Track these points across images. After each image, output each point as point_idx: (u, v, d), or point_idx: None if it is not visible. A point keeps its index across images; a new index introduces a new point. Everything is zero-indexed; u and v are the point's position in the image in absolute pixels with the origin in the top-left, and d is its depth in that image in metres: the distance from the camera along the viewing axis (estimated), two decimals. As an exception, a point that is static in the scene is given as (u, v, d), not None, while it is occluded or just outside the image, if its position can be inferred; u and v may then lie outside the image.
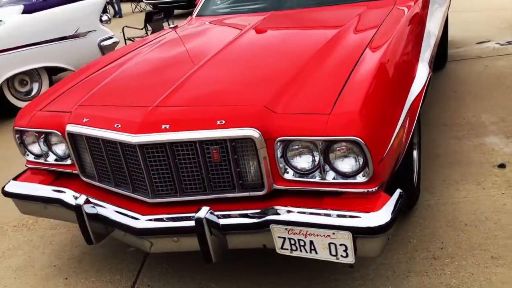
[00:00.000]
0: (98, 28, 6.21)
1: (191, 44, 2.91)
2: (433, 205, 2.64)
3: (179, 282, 2.32)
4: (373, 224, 1.72)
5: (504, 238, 2.30)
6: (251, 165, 1.90)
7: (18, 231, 3.02)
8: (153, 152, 1.93)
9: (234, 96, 2.02)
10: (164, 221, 1.95)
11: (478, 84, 4.39)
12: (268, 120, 1.84)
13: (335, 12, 3.01)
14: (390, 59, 2.21)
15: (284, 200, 1.91)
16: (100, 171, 2.18)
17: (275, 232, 1.83)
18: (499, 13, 7.28)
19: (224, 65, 2.37)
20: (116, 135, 1.97)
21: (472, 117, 3.71)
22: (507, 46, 5.51)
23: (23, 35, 5.44)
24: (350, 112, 1.77)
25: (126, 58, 2.81)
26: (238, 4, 3.76)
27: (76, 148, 2.21)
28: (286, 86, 2.01)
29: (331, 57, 2.23)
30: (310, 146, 1.82)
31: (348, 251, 1.75)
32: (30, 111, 2.41)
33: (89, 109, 2.19)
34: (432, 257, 2.25)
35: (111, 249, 2.67)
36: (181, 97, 2.06)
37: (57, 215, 2.35)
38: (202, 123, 1.88)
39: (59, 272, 2.55)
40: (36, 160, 2.43)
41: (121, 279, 2.41)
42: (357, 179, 1.79)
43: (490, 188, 2.73)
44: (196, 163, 1.92)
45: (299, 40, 2.66)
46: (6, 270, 2.64)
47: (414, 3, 3.02)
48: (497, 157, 3.06)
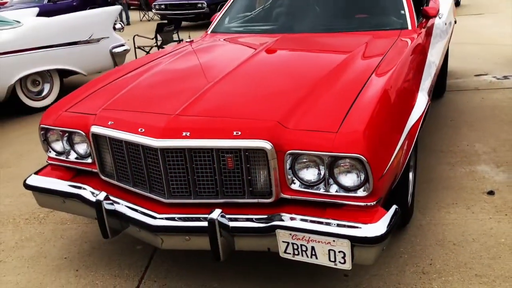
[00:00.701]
0: (111, 35, 6.41)
1: (208, 59, 3.10)
2: (424, 225, 2.82)
3: (184, 280, 2.47)
4: (370, 234, 1.89)
5: (488, 259, 2.48)
6: (262, 174, 2.07)
7: (30, 224, 3.17)
8: (173, 156, 2.10)
9: (250, 110, 2.20)
10: (178, 220, 2.12)
11: (474, 115, 4.60)
12: (280, 134, 2.02)
13: (344, 39, 3.22)
14: (393, 86, 2.41)
15: (290, 208, 2.08)
16: (119, 171, 2.34)
17: (280, 236, 2.00)
18: (498, 48, 7.56)
19: (241, 80, 2.56)
20: (140, 138, 2.15)
21: (466, 146, 3.91)
22: (503, 80, 5.75)
23: (40, 37, 5.63)
24: (356, 132, 1.96)
25: (146, 67, 3.00)
26: (250, 24, 3.98)
27: (98, 148, 2.38)
28: (298, 104, 2.20)
29: (340, 80, 2.42)
30: (317, 161, 2.00)
31: (346, 258, 1.92)
32: (56, 111, 2.58)
33: (114, 113, 2.36)
34: (421, 271, 2.42)
35: (119, 246, 2.83)
36: (201, 108, 2.24)
37: (74, 210, 2.51)
38: (220, 132, 2.06)
39: (70, 264, 2.70)
40: (57, 157, 2.60)
41: (129, 274, 2.57)
42: (358, 193, 1.97)
43: (478, 213, 2.91)
44: (211, 169, 2.10)
45: (310, 62, 2.87)
46: (19, 259, 2.78)
47: (417, 36, 3.24)
48: (487, 184, 3.25)
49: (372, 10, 3.60)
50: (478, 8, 13.12)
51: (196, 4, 12.84)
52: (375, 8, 3.60)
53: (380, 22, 3.45)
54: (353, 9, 3.62)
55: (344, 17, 3.57)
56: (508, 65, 6.46)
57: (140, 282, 2.50)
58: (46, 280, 2.58)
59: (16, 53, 5.36)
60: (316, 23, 3.55)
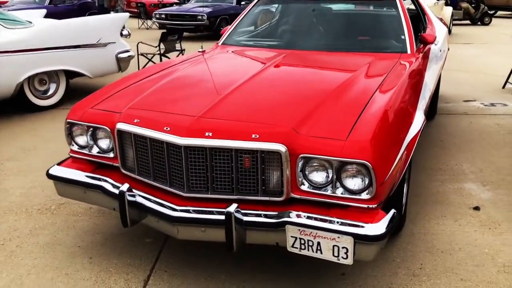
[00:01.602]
0: (117, 41, 6.62)
1: (223, 68, 3.34)
2: (415, 234, 3.05)
3: (192, 271, 2.65)
4: (372, 233, 2.11)
5: (473, 266, 2.71)
6: (275, 174, 2.28)
7: (43, 214, 3.33)
8: (194, 154, 2.31)
9: (266, 116, 2.42)
10: (196, 213, 2.31)
11: (463, 137, 4.88)
12: (294, 139, 2.24)
13: (349, 58, 3.47)
14: (394, 104, 2.65)
15: (298, 207, 2.29)
16: (140, 165, 2.54)
17: (289, 231, 2.21)
18: (487, 77, 7.94)
19: (256, 89, 2.78)
20: (165, 136, 2.35)
21: (455, 165, 4.17)
22: (491, 107, 6.08)
23: (50, 38, 5.81)
24: (363, 140, 2.18)
25: (166, 72, 3.22)
26: (259, 39, 4.23)
27: (121, 143, 2.58)
28: (309, 114, 2.42)
29: (347, 95, 2.66)
30: (326, 165, 2.22)
31: (349, 253, 2.13)
32: (82, 107, 2.77)
33: (139, 112, 2.56)
34: (412, 274, 2.64)
35: (130, 239, 3.00)
36: (222, 112, 2.45)
37: (94, 200, 2.68)
38: (240, 134, 2.27)
39: (84, 252, 2.86)
40: (80, 151, 2.78)
41: (140, 264, 2.74)
42: (361, 196, 2.19)
43: (465, 225, 3.15)
44: (229, 167, 2.30)
45: (319, 77, 3.11)
46: (35, 245, 2.94)
47: (415, 59, 3.51)
48: (473, 200, 3.50)
49: (375, 33, 3.88)
50: (468, 38, 13.63)
51: (197, 16, 13.13)
52: (378, 32, 3.89)
53: (382, 45, 3.72)
54: (358, 31, 3.90)
55: (349, 38, 3.83)
56: (496, 93, 6.81)
57: (151, 271, 2.67)
58: (61, 264, 2.74)
59: (27, 52, 5.53)
60: (323, 42, 3.81)
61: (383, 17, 4.13)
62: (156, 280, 2.59)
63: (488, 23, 18.01)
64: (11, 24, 5.58)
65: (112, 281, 2.59)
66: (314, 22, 4.10)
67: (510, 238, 2.99)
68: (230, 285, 2.54)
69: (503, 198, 3.54)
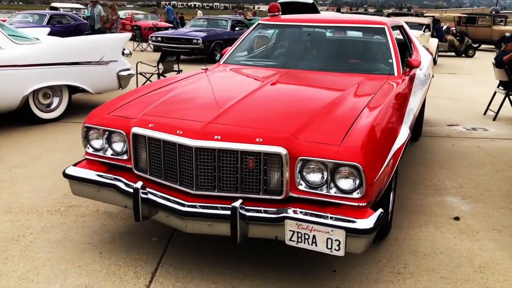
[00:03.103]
0: (119, 59, 6.91)
1: (227, 82, 3.65)
2: (400, 239, 3.31)
3: (197, 265, 2.88)
4: (362, 227, 2.37)
5: (452, 266, 2.97)
6: (275, 175, 2.55)
7: (53, 215, 3.53)
8: (204, 155, 2.57)
9: (268, 124, 2.70)
10: (204, 208, 2.56)
11: (445, 157, 5.21)
12: (293, 144, 2.52)
13: (342, 78, 3.78)
14: (383, 117, 2.94)
15: (296, 205, 2.55)
16: (152, 166, 2.78)
17: (287, 226, 2.46)
18: (469, 104, 8.36)
19: (258, 101, 3.07)
20: (178, 138, 2.61)
21: (437, 181, 4.47)
22: (472, 131, 6.45)
23: (55, 55, 6.08)
24: (354, 146, 2.47)
25: (174, 85, 3.50)
26: (258, 59, 4.56)
27: (135, 146, 2.83)
28: (307, 123, 2.70)
29: (339, 108, 2.95)
30: (321, 167, 2.49)
31: (341, 245, 2.38)
32: (99, 114, 3.03)
33: (153, 118, 2.82)
34: (397, 272, 2.89)
35: (137, 237, 3.22)
36: (228, 119, 2.73)
37: (107, 198, 2.91)
38: (245, 138, 2.54)
39: (94, 248, 3.07)
40: (94, 153, 3.02)
41: (147, 259, 2.96)
42: (353, 195, 2.46)
43: (446, 233, 3.43)
44: (234, 168, 2.56)
45: (315, 93, 3.42)
46: (47, 241, 3.14)
47: (401, 81, 3.83)
48: (453, 212, 3.79)
49: (365, 57, 4.23)
50: (452, 68, 14.19)
51: (192, 40, 13.52)
52: (368, 56, 4.24)
53: (371, 67, 4.05)
54: (349, 54, 4.25)
55: (341, 61, 4.17)
56: (477, 119, 7.20)
57: (158, 265, 2.89)
58: (74, 258, 2.94)
59: (34, 67, 5.78)
60: (317, 63, 4.15)
61: (373, 43, 4.49)
62: (162, 273, 2.81)
63: (472, 55, 18.74)
64: (20, 40, 5.85)
65: (122, 273, 2.80)
66: (310, 45, 4.44)
67: (486, 244, 3.27)
68: (231, 277, 2.77)
69: (481, 210, 3.84)
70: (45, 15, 15.86)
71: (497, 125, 6.89)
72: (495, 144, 5.83)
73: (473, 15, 24.93)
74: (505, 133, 6.44)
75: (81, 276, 2.76)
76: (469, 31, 21.73)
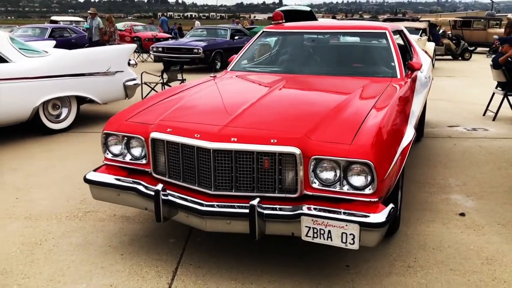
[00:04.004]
0: (125, 69, 7.06)
1: (237, 87, 3.78)
2: (409, 234, 3.43)
3: (215, 264, 2.99)
4: (375, 221, 2.49)
5: (460, 259, 3.09)
6: (290, 174, 2.67)
7: (71, 220, 3.65)
8: (221, 156, 2.70)
9: (282, 125, 2.82)
10: (223, 207, 2.68)
11: (448, 157, 5.34)
12: (307, 144, 2.65)
13: (347, 81, 3.93)
14: (389, 117, 3.07)
15: (310, 202, 2.67)
16: (171, 168, 2.91)
17: (303, 222, 2.58)
18: (468, 106, 8.52)
19: (270, 104, 3.20)
20: (196, 141, 2.74)
21: (441, 180, 4.60)
22: (472, 131, 6.59)
23: (64, 67, 6.23)
24: (365, 144, 2.59)
25: (187, 92, 3.63)
26: (264, 66, 4.71)
27: (154, 150, 2.95)
28: (318, 124, 2.83)
29: (348, 110, 3.09)
30: (334, 165, 2.62)
31: (355, 239, 2.50)
32: (118, 121, 3.15)
33: (171, 123, 2.95)
34: (408, 265, 3.01)
35: (155, 239, 3.34)
36: (243, 122, 2.86)
37: (127, 201, 3.03)
38: (260, 140, 2.67)
39: (115, 250, 3.19)
40: (114, 158, 3.15)
41: (167, 259, 3.07)
42: (365, 191, 2.58)
43: (452, 228, 3.55)
44: (250, 168, 2.69)
45: (323, 95, 3.56)
46: (69, 245, 3.26)
47: (404, 83, 3.97)
48: (459, 208, 3.91)
49: (369, 61, 4.38)
50: (450, 71, 14.37)
51: (193, 50, 13.69)
52: (371, 60, 4.39)
53: (374, 70, 4.20)
54: (353, 59, 4.40)
55: (346, 65, 4.32)
56: (476, 120, 7.34)
57: (178, 264, 3.00)
58: (96, 260, 3.06)
59: (43, 79, 5.93)
60: (323, 67, 4.29)
61: (376, 48, 4.64)
62: (183, 271, 2.92)
63: (469, 58, 18.95)
64: (29, 53, 6.00)
65: (144, 272, 2.91)
66: (314, 51, 4.58)
67: (492, 238, 3.39)
68: (250, 274, 2.88)
69: (485, 206, 3.96)
70: (46, 28, 16.06)
71: (497, 125, 7.03)
72: (495, 144, 5.96)
73: (468, 18, 25.23)
74: (505, 132, 6.58)
75: (105, 276, 2.87)
76: (464, 35, 21.98)
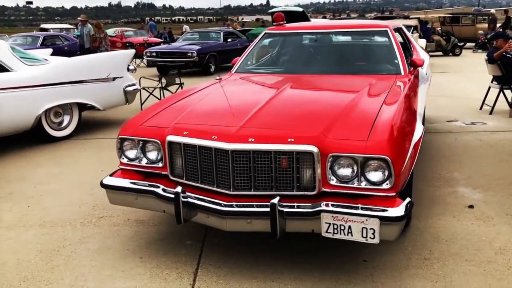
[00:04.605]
0: (125, 75, 7.07)
1: (246, 89, 3.83)
2: (421, 228, 3.49)
3: (234, 264, 3.03)
4: (394, 215, 2.54)
5: (474, 250, 3.15)
6: (308, 172, 2.72)
7: (86, 226, 3.67)
8: (239, 157, 2.73)
9: (298, 124, 2.87)
10: (244, 207, 2.72)
11: (450, 151, 5.42)
12: (323, 142, 2.69)
13: (354, 79, 3.98)
14: (400, 113, 3.12)
15: (328, 199, 2.72)
16: (188, 171, 2.94)
17: (323, 218, 2.62)
18: (463, 101, 8.63)
19: (282, 104, 3.25)
20: (214, 143, 2.77)
21: (446, 174, 4.67)
22: (471, 125, 6.68)
23: (64, 74, 6.23)
24: (381, 140, 2.65)
25: (198, 94, 3.67)
26: (269, 67, 4.76)
27: (171, 154, 2.99)
28: (332, 122, 2.88)
29: (360, 107, 3.14)
30: (351, 162, 2.67)
31: (376, 233, 2.55)
32: (132, 125, 3.18)
33: (187, 126, 2.99)
34: (424, 258, 3.07)
35: (171, 241, 3.36)
36: (258, 122, 2.90)
37: (145, 205, 3.06)
38: (278, 139, 2.71)
39: (133, 254, 3.21)
40: (129, 163, 3.17)
41: (186, 260, 3.10)
42: (383, 186, 2.63)
43: (463, 220, 3.61)
44: (268, 167, 2.73)
45: (333, 94, 3.62)
46: (87, 250, 3.27)
47: (408, 80, 4.04)
48: (467, 201, 3.98)
49: (373, 59, 4.45)
50: (442, 67, 14.51)
51: (187, 53, 13.71)
52: (375, 58, 4.46)
53: (380, 68, 4.27)
54: (358, 58, 4.46)
55: (351, 64, 4.39)
56: (474, 114, 7.45)
57: (198, 265, 3.03)
58: (116, 264, 3.08)
59: (45, 87, 5.93)
60: (329, 67, 4.35)
61: (378, 45, 4.70)
62: (204, 272, 2.95)
63: (459, 54, 19.14)
64: (30, 62, 6.00)
65: (165, 274, 2.94)
66: (318, 51, 4.64)
67: (502, 229, 3.46)
68: (270, 272, 2.92)
69: (492, 198, 4.03)
70: (38, 36, 15.99)
71: (494, 118, 7.13)
72: (495, 137, 6.06)
73: (457, 14, 25.48)
74: (503, 125, 6.68)
75: (127, 280, 2.89)
76: (454, 31, 22.18)
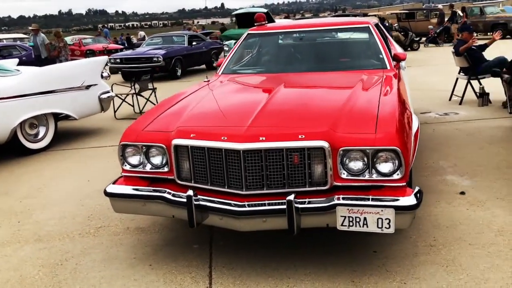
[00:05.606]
0: (99, 82, 6.92)
1: (241, 89, 3.81)
2: (420, 216, 3.58)
3: (247, 264, 3.02)
4: (408, 203, 2.61)
5: (475, 233, 3.27)
6: (319, 167, 2.75)
7: (85, 237, 3.56)
8: (251, 156, 2.73)
9: (304, 121, 2.89)
10: (259, 206, 2.72)
11: (431, 141, 5.59)
12: (333, 137, 2.73)
13: (346, 75, 4.05)
14: (399, 104, 3.19)
15: (340, 192, 2.75)
16: (197, 174, 2.91)
17: (339, 212, 2.66)
18: (433, 93, 8.91)
19: (283, 103, 3.27)
20: (224, 144, 2.76)
21: (432, 163, 4.82)
22: (445, 116, 6.92)
23: (38, 84, 6.04)
24: (389, 132, 2.71)
25: (191, 97, 3.62)
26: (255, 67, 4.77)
27: (177, 157, 2.95)
28: (338, 117, 2.92)
29: (359, 101, 3.19)
30: (361, 155, 2.71)
31: (391, 223, 2.61)
32: (134, 131, 3.12)
33: (192, 128, 2.95)
34: (430, 245, 3.15)
35: (178, 247, 3.31)
36: (265, 121, 2.91)
37: (153, 211, 3.00)
38: (289, 136, 2.73)
39: (141, 261, 3.15)
40: (132, 169, 3.11)
41: (198, 264, 3.07)
42: (393, 176, 2.69)
43: (458, 206, 3.74)
44: (280, 165, 2.74)
45: (330, 90, 3.66)
46: (93, 261, 3.18)
47: (395, 74, 4.14)
48: (457, 188, 4.12)
49: (358, 54, 4.54)
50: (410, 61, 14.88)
51: (152, 58, 13.53)
52: (360, 53, 4.55)
53: (366, 63, 4.35)
54: (344, 54, 4.54)
55: (339, 60, 4.46)
56: (445, 105, 7.71)
57: (211, 268, 3.01)
58: (126, 273, 3.01)
59: (19, 98, 5.72)
60: (313, 64, 4.42)
61: (362, 41, 4.80)
62: (218, 274, 2.93)
63: (417, 48, 19.74)
64: (2, 73, 5.77)
65: (179, 280, 2.90)
66: (302, 49, 4.69)
67: (496, 211, 3.60)
68: (284, 270, 2.93)
69: (481, 183, 4.19)
70: (-6, 47, 15.37)
71: (464, 108, 7.41)
72: (470, 125, 6.29)
73: (411, 10, 26.25)
74: (474, 114, 6.95)
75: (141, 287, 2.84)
76: (411, 26, 22.85)
